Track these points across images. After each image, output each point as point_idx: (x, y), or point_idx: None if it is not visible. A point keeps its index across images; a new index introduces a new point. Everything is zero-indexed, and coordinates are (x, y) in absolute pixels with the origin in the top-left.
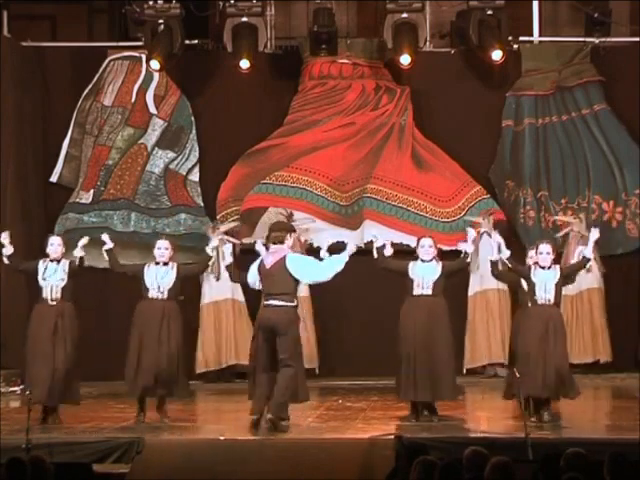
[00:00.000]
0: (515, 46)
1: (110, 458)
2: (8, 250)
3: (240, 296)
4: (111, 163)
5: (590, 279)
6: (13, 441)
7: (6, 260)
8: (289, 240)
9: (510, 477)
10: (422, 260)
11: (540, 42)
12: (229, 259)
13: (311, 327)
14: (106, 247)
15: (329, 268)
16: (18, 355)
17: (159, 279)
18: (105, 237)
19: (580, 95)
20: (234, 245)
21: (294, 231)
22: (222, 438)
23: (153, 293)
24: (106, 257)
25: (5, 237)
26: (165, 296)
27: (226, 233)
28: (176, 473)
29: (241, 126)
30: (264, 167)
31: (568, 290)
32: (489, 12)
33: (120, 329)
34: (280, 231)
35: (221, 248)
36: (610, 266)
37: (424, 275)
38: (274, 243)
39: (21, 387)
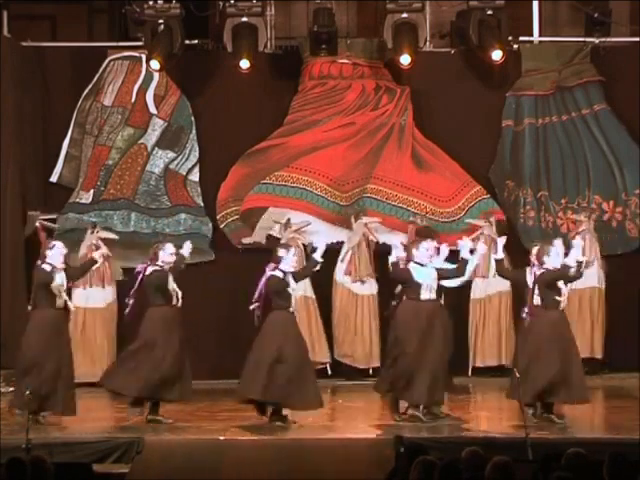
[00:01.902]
0: (515, 46)
1: (110, 458)
2: None
3: (311, 292)
4: (111, 163)
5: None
6: (13, 441)
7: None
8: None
9: (510, 477)
10: (421, 264)
11: (540, 42)
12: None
13: (321, 327)
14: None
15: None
16: (17, 356)
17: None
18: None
19: (580, 95)
20: (308, 247)
21: (433, 237)
22: (222, 438)
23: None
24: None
25: None
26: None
27: (296, 231)
28: (176, 473)
29: (241, 126)
30: (264, 167)
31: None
32: (489, 12)
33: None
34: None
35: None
36: (610, 266)
37: (431, 279)
38: None
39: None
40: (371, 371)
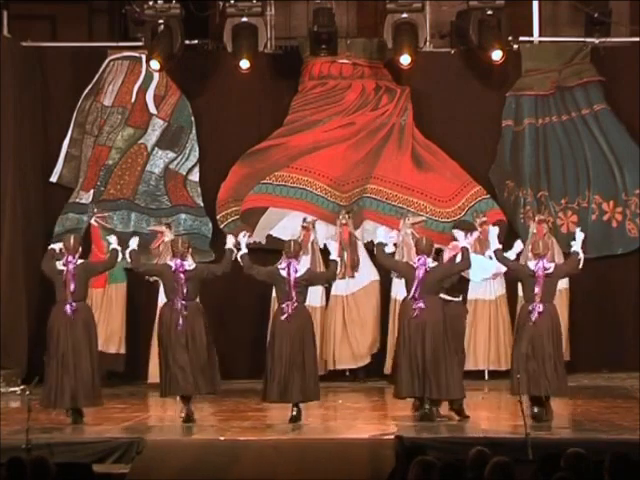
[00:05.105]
0: (515, 46)
1: (110, 458)
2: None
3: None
4: (111, 163)
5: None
6: (13, 441)
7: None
8: (470, 239)
9: (510, 477)
10: None
11: (540, 42)
12: (245, 249)
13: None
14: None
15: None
16: (19, 355)
17: None
18: (133, 241)
19: (580, 95)
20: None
21: (474, 230)
22: (222, 438)
23: None
24: (128, 259)
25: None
26: None
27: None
28: (176, 473)
29: (241, 126)
30: (264, 167)
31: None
32: (489, 12)
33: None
34: (460, 230)
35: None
36: (610, 266)
37: None
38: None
39: (22, 387)
40: (348, 372)
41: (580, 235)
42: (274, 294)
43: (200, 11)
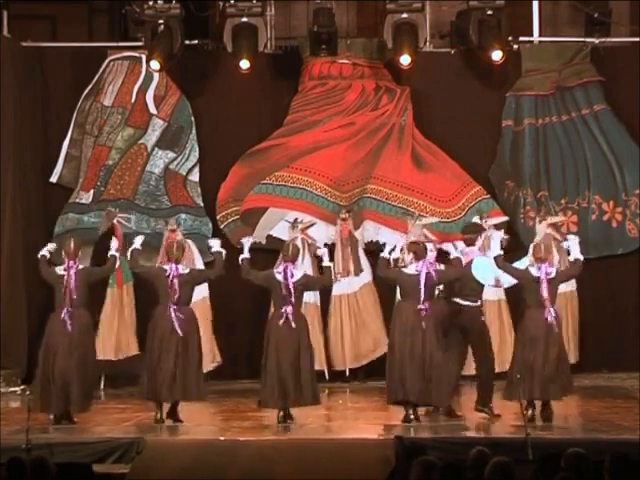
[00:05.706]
0: (515, 46)
1: (110, 458)
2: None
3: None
4: (111, 163)
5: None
6: (13, 441)
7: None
8: (479, 241)
9: (510, 477)
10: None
11: (540, 42)
12: (247, 254)
13: (320, 333)
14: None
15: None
16: (19, 355)
17: None
18: (138, 240)
19: (580, 95)
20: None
21: (483, 231)
22: (222, 438)
23: None
24: (129, 257)
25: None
26: None
27: (303, 231)
28: (176, 473)
29: (241, 126)
30: (264, 167)
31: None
32: (489, 12)
33: None
34: (471, 233)
35: (303, 249)
36: (610, 266)
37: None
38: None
39: (22, 387)
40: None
41: (575, 240)
42: None
43: (200, 11)
